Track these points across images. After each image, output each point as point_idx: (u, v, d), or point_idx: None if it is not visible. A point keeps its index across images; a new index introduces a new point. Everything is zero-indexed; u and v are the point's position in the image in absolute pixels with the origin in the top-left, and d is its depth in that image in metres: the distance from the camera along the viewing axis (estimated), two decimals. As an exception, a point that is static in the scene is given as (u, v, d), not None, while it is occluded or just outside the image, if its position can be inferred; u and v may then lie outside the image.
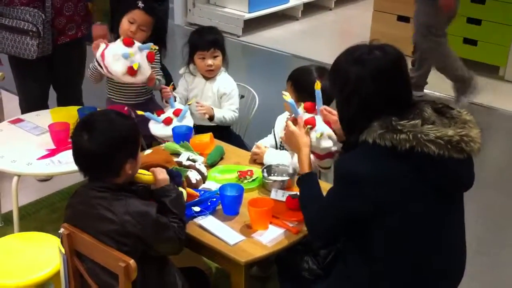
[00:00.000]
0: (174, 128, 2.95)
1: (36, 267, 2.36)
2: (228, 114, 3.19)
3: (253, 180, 2.54)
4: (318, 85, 2.37)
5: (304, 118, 2.36)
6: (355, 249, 1.94)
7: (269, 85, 4.70)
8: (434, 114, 1.86)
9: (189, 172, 2.50)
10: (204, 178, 2.54)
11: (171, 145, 2.80)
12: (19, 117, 3.27)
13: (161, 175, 2.20)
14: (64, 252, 2.03)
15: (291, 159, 2.65)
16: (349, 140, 1.93)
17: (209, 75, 3.20)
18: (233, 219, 2.30)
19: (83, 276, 2.04)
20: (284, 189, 2.48)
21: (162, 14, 4.17)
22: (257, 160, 2.72)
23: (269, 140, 2.89)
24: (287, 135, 2.33)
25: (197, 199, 2.36)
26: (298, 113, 2.38)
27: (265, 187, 2.51)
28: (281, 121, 2.86)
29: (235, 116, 3.23)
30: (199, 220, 2.28)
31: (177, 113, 3.01)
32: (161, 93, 3.26)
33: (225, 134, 3.14)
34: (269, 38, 6.61)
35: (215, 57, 3.15)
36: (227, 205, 2.33)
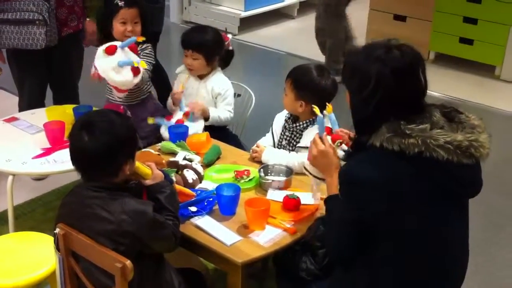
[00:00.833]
0: (170, 127, 2.94)
1: (31, 267, 2.34)
2: (223, 114, 3.17)
3: (250, 180, 2.53)
4: (330, 109, 2.24)
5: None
6: (359, 257, 1.93)
7: (265, 83, 4.70)
8: (442, 118, 1.83)
9: (185, 171, 2.49)
10: (200, 177, 2.53)
11: (168, 145, 2.78)
12: (14, 116, 3.26)
13: (157, 170, 2.19)
14: (59, 252, 2.02)
15: (288, 158, 2.64)
16: (359, 141, 1.88)
17: (191, 73, 3.19)
18: (230, 219, 2.29)
19: (79, 276, 2.03)
20: (281, 189, 2.47)
21: (157, 11, 4.17)
22: (256, 159, 2.71)
23: (267, 139, 2.88)
24: (317, 156, 2.13)
25: (193, 199, 2.35)
26: (323, 130, 2.19)
27: (262, 187, 2.50)
28: (280, 119, 2.85)
29: (230, 116, 3.21)
30: (196, 220, 2.27)
31: (187, 115, 3.02)
32: (171, 97, 3.22)
33: (222, 133, 3.13)
34: (265, 36, 6.60)
35: (194, 59, 3.12)
36: (223, 205, 2.32)
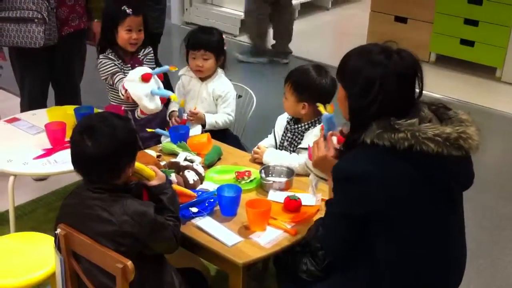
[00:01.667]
0: (171, 128, 2.94)
1: (32, 267, 2.34)
2: (221, 118, 3.15)
3: (251, 181, 2.53)
4: (331, 109, 2.21)
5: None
6: (355, 251, 1.93)
7: (266, 85, 4.71)
8: (430, 113, 1.86)
9: (186, 172, 2.49)
10: (201, 178, 2.53)
11: (169, 146, 2.79)
12: (15, 117, 3.26)
13: (160, 172, 2.20)
14: (59, 252, 2.02)
15: (289, 159, 2.64)
16: (351, 138, 1.90)
17: (198, 75, 3.16)
18: (231, 220, 2.29)
19: (80, 277, 2.03)
20: (282, 190, 2.47)
21: (159, 13, 4.18)
22: (257, 160, 2.72)
23: (269, 140, 2.88)
24: (318, 160, 2.13)
25: (194, 200, 2.35)
26: (329, 129, 2.17)
27: (263, 188, 2.50)
28: (282, 121, 2.85)
29: (229, 119, 3.19)
30: (197, 221, 2.27)
31: (184, 123, 3.04)
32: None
33: (223, 134, 3.12)
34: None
35: (205, 59, 3.11)
36: (225, 206, 2.32)
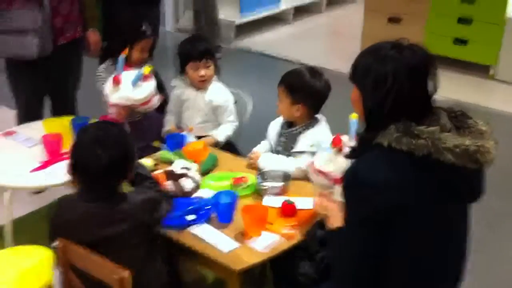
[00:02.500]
0: (167, 136, 2.96)
1: (30, 281, 2.33)
2: (229, 128, 3.17)
3: (248, 186, 2.54)
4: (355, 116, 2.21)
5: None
6: None
7: (262, 90, 4.70)
8: (449, 122, 1.82)
9: (183, 180, 2.50)
10: (198, 185, 2.54)
11: (165, 154, 2.80)
12: (11, 130, 3.26)
13: None
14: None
15: (285, 163, 2.65)
16: (365, 138, 1.86)
17: (201, 85, 3.16)
18: (227, 227, 2.30)
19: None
20: (278, 194, 2.48)
21: (153, 19, 4.19)
22: (253, 165, 2.73)
23: (263, 145, 2.89)
24: (321, 210, 2.14)
25: (191, 207, 2.36)
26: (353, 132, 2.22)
27: (260, 193, 2.51)
28: (275, 126, 2.86)
29: (236, 125, 3.21)
30: (193, 229, 2.27)
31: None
32: None
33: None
34: (261, 42, 6.61)
35: (208, 67, 3.12)
36: (222, 212, 2.32)
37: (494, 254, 3.27)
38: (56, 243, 1.99)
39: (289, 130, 2.77)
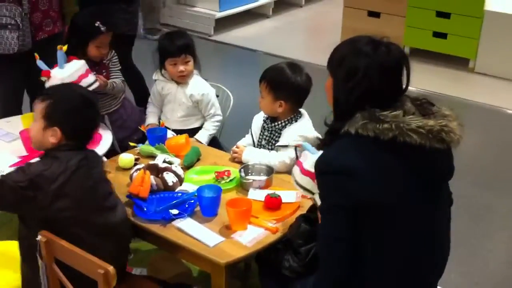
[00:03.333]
0: (148, 130, 2.93)
1: (10, 277, 2.31)
2: (211, 127, 3.15)
3: (231, 180, 2.53)
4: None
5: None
6: None
7: (242, 83, 4.69)
8: (413, 107, 1.88)
9: (165, 174, 2.48)
10: (181, 180, 2.52)
11: (147, 148, 2.77)
12: (-12, 125, 3.21)
13: None
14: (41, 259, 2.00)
15: (268, 157, 2.65)
16: (334, 127, 1.92)
17: (181, 80, 3.15)
18: (212, 221, 2.29)
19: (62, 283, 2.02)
20: (262, 188, 2.47)
21: (131, 15, 4.15)
22: (236, 159, 2.71)
23: (247, 140, 2.88)
24: None
25: (174, 202, 2.35)
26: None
27: (243, 187, 2.50)
28: (258, 120, 2.85)
29: (218, 119, 3.20)
30: (178, 222, 2.26)
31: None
32: None
33: (201, 135, 3.12)
34: (241, 36, 6.59)
35: (186, 63, 3.10)
36: (205, 206, 2.31)
37: (477, 247, 3.30)
38: (39, 237, 1.96)
39: (273, 124, 2.76)
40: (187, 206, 2.34)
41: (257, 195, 2.42)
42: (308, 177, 2.15)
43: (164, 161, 2.59)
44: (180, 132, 3.02)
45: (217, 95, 3.40)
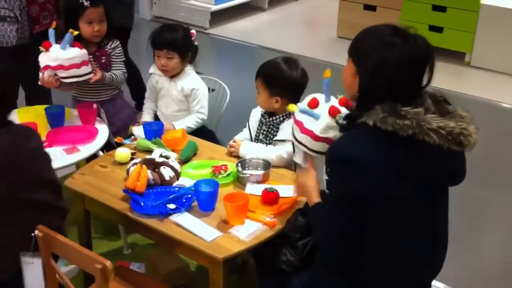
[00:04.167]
0: (145, 124, 2.92)
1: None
2: (191, 121, 3.08)
3: (228, 174, 2.53)
4: (328, 73, 2.28)
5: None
6: None
7: (238, 77, 4.69)
8: (433, 105, 1.86)
9: (162, 168, 2.47)
10: (177, 174, 2.51)
11: (143, 142, 2.76)
12: (-16, 118, 3.19)
13: None
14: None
15: (265, 151, 2.65)
16: (352, 115, 1.91)
17: (165, 74, 3.11)
18: (209, 215, 2.28)
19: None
20: (259, 182, 2.47)
21: (127, 8, 4.13)
22: (234, 153, 2.71)
23: (244, 134, 2.87)
24: (299, 185, 2.22)
25: (171, 196, 2.34)
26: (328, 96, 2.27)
27: (240, 181, 2.50)
28: (256, 114, 2.85)
29: (200, 117, 3.11)
30: (175, 217, 2.26)
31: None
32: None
33: (197, 129, 3.10)
34: (237, 30, 6.58)
35: (169, 58, 3.04)
36: (202, 201, 2.31)
37: (473, 242, 3.31)
38: (36, 232, 1.96)
39: (271, 119, 2.76)
40: (184, 200, 2.34)
41: (254, 189, 2.42)
42: (321, 142, 2.20)
43: (160, 156, 2.58)
44: (175, 126, 3.01)
45: (213, 89, 3.38)
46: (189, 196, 2.35)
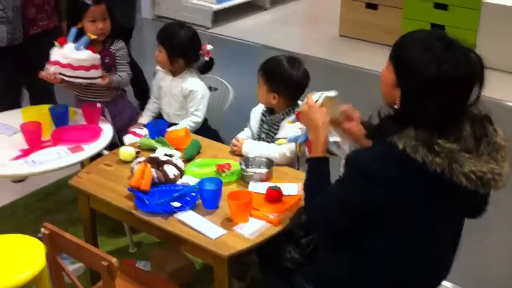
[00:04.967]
0: (148, 124, 2.94)
1: (15, 269, 2.32)
2: (183, 125, 3.03)
3: (232, 173, 2.54)
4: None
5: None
6: (341, 238, 1.96)
7: (241, 76, 4.69)
8: (471, 135, 1.77)
9: (166, 167, 2.49)
10: (182, 172, 2.53)
11: (147, 141, 2.78)
12: (-11, 119, 3.21)
13: None
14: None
15: (268, 149, 2.66)
16: (381, 130, 1.82)
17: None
18: (213, 213, 2.30)
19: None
20: (262, 180, 2.48)
21: (129, 7, 4.14)
22: (236, 152, 2.72)
23: (246, 132, 2.89)
24: (306, 111, 2.16)
25: (176, 194, 2.36)
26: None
27: (244, 180, 2.51)
28: (256, 113, 2.86)
29: (195, 120, 3.10)
30: (179, 215, 2.27)
31: None
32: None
33: (201, 128, 3.12)
34: (239, 29, 6.58)
35: (159, 51, 3.10)
36: (206, 199, 2.32)
37: (478, 241, 3.30)
38: (42, 230, 1.97)
39: (271, 117, 2.77)
40: (188, 199, 2.35)
41: (258, 187, 2.43)
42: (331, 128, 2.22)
43: (164, 154, 2.60)
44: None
45: (216, 88, 3.39)
46: (194, 194, 2.37)
